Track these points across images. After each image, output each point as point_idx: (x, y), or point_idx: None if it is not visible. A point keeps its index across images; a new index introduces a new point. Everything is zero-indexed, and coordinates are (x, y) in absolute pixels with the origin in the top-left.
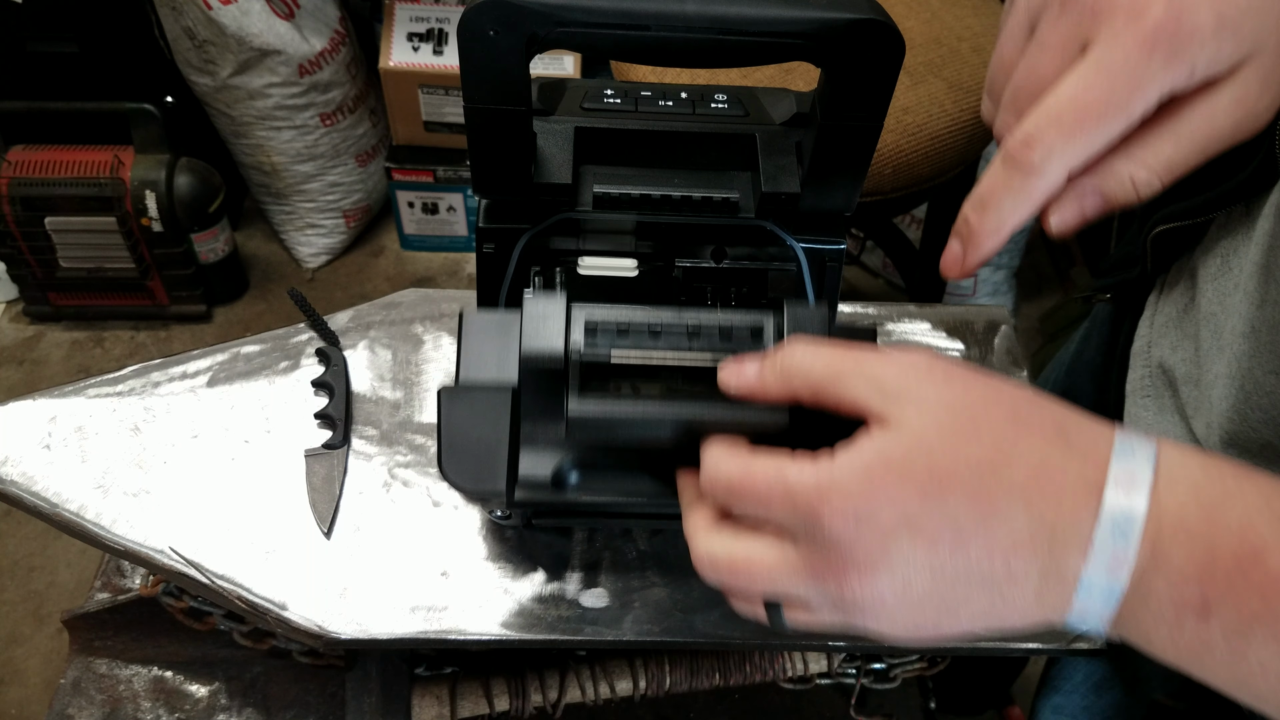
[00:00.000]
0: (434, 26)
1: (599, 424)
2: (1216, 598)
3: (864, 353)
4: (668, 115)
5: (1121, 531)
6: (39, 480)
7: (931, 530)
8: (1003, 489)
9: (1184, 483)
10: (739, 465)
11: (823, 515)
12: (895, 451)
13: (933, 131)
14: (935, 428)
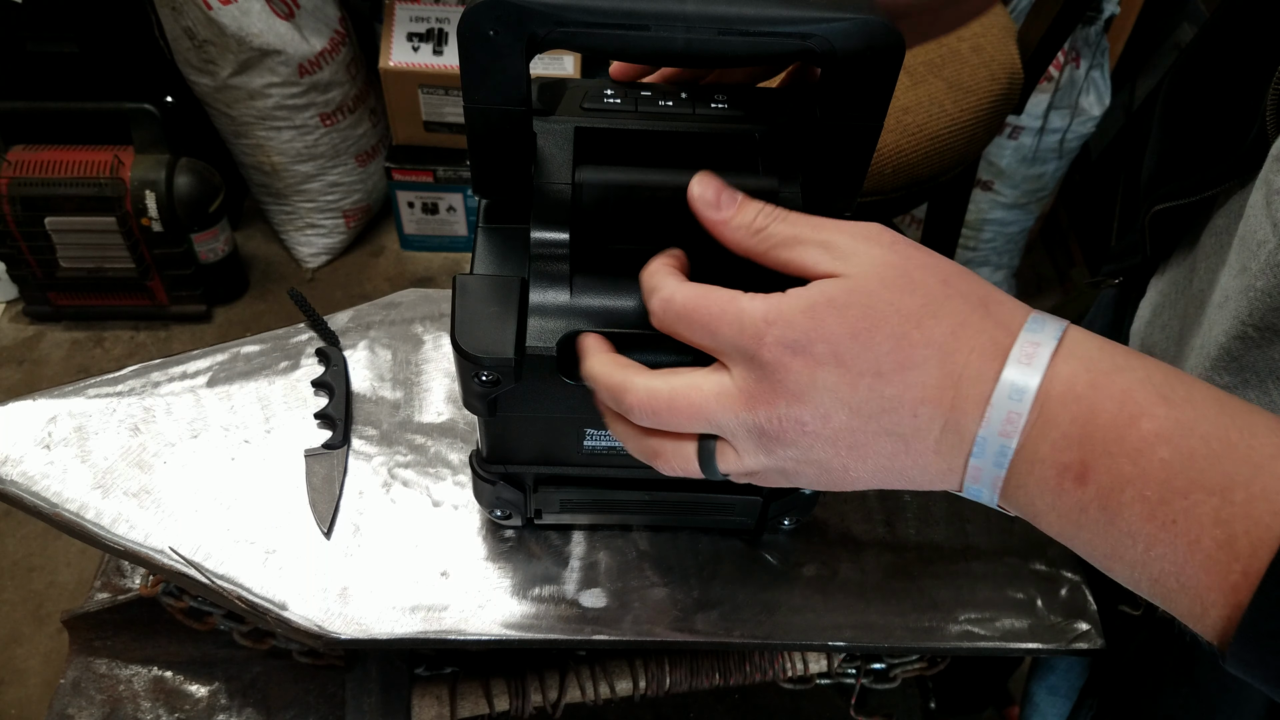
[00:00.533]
0: (434, 26)
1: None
2: (1093, 461)
3: (823, 225)
4: (668, 115)
5: (1017, 393)
6: (39, 480)
7: (856, 367)
8: (923, 340)
9: (1079, 356)
10: (697, 291)
11: (765, 339)
12: (837, 294)
13: (933, 131)
14: (876, 279)
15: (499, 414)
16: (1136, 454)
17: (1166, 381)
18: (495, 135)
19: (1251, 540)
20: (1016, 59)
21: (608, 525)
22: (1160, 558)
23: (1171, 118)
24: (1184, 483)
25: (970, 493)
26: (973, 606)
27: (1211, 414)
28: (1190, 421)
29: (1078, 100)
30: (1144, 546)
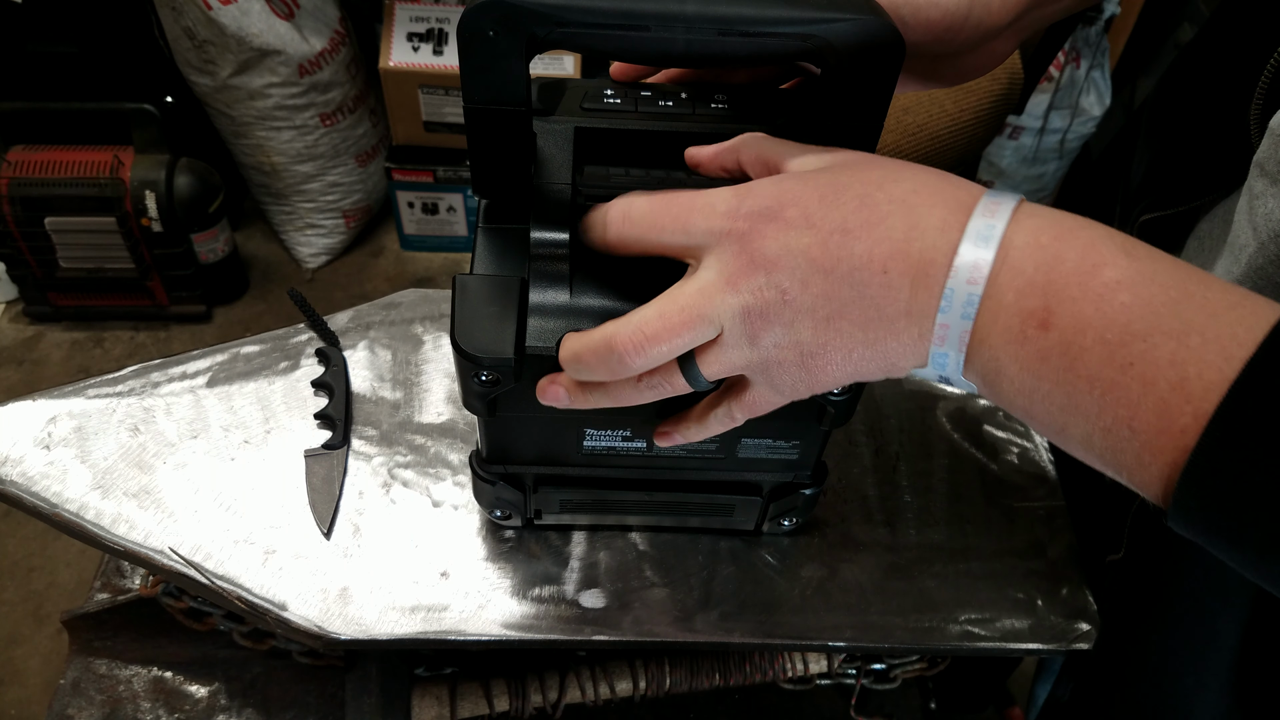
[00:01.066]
0: (434, 26)
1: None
2: (1057, 306)
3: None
4: (668, 115)
5: (983, 238)
6: (39, 480)
7: (825, 226)
8: (886, 198)
9: (1041, 215)
10: (659, 196)
11: (739, 212)
12: (805, 169)
13: (933, 131)
14: (841, 159)
15: (499, 414)
16: (1099, 299)
17: (1128, 240)
18: (495, 135)
19: (1204, 383)
20: (1017, 59)
21: (607, 526)
22: (1115, 403)
23: (1159, 128)
24: (1143, 326)
25: (936, 362)
26: (973, 607)
27: (1170, 268)
28: (1151, 272)
29: (1078, 100)
30: (1100, 392)
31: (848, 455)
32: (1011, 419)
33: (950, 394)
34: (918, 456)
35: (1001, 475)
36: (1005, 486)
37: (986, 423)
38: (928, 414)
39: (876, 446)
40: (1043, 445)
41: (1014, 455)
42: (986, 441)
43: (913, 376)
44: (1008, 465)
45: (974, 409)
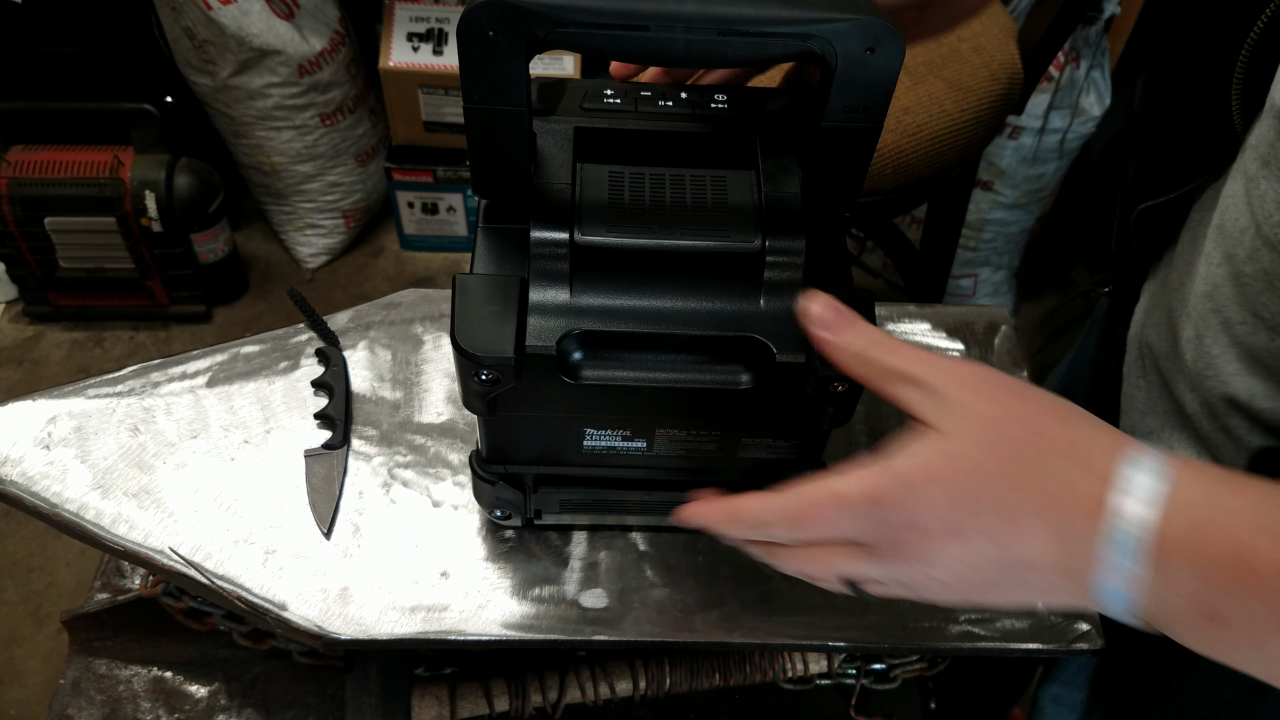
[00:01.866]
0: (434, 26)
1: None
2: (1226, 608)
3: (919, 359)
4: (668, 115)
5: (1127, 552)
6: (39, 480)
7: (967, 533)
8: (1026, 504)
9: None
10: (795, 499)
11: (878, 519)
12: (937, 463)
13: (933, 131)
14: (973, 441)
15: (499, 414)
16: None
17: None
18: (495, 135)
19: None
20: (1017, 59)
21: (607, 526)
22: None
23: (1148, 119)
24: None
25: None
26: (972, 607)
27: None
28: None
29: (1078, 100)
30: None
31: (848, 455)
32: None
33: None
34: None
35: None
36: None
37: None
38: None
39: (877, 447)
40: None
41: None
42: None
43: None
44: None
45: None
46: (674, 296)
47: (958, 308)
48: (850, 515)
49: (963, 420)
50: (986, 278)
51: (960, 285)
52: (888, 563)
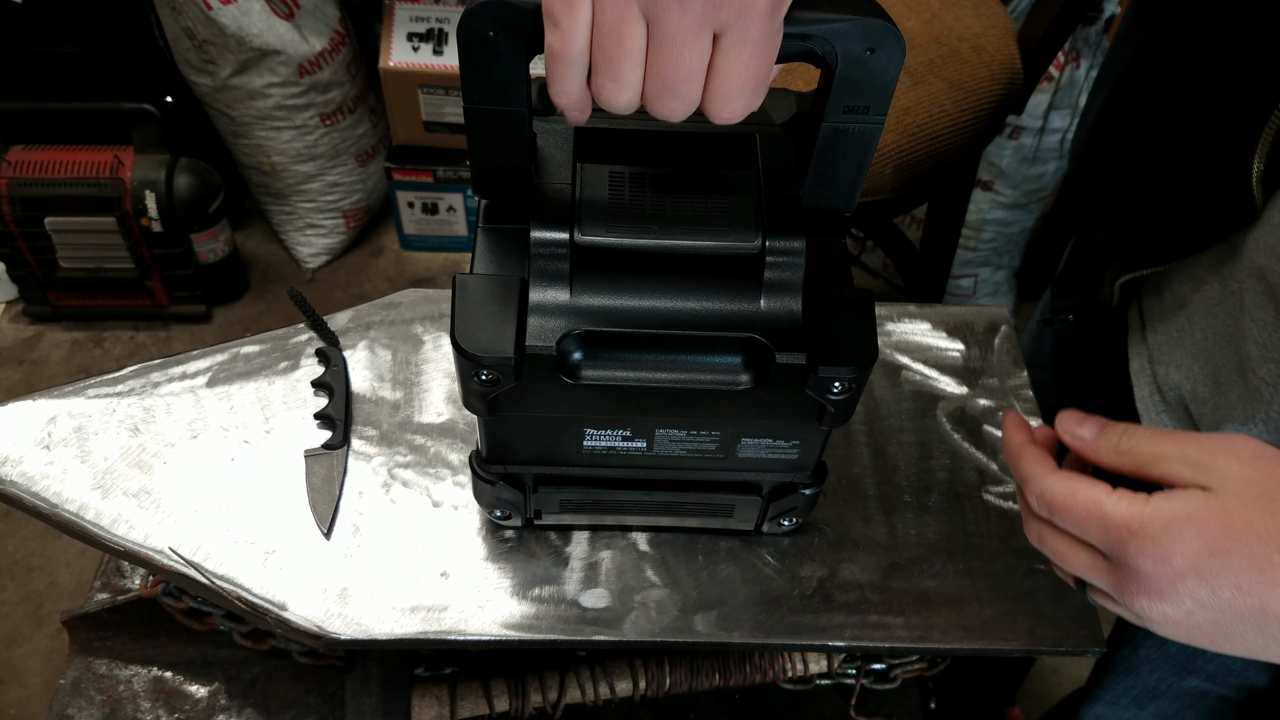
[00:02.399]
0: (434, 26)
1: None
2: None
3: (1183, 439)
4: None
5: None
6: (39, 480)
7: (1216, 580)
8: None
9: None
10: (1064, 488)
11: (1128, 547)
12: (1197, 510)
13: (933, 131)
14: (1236, 498)
15: (499, 414)
16: None
17: None
18: (495, 135)
19: None
20: (1017, 59)
21: (607, 526)
22: None
23: (1119, 180)
24: None
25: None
26: (973, 606)
27: None
28: None
29: (1078, 100)
30: None
31: (848, 455)
32: None
33: (950, 393)
34: (918, 456)
35: (1001, 475)
36: (1005, 486)
37: (986, 423)
38: (928, 414)
39: (876, 447)
40: None
41: None
42: (986, 441)
43: (912, 377)
44: (1008, 465)
45: (974, 409)
46: (674, 296)
47: (958, 308)
48: (1104, 531)
49: (1226, 479)
50: (986, 278)
51: (960, 285)
52: (1126, 588)
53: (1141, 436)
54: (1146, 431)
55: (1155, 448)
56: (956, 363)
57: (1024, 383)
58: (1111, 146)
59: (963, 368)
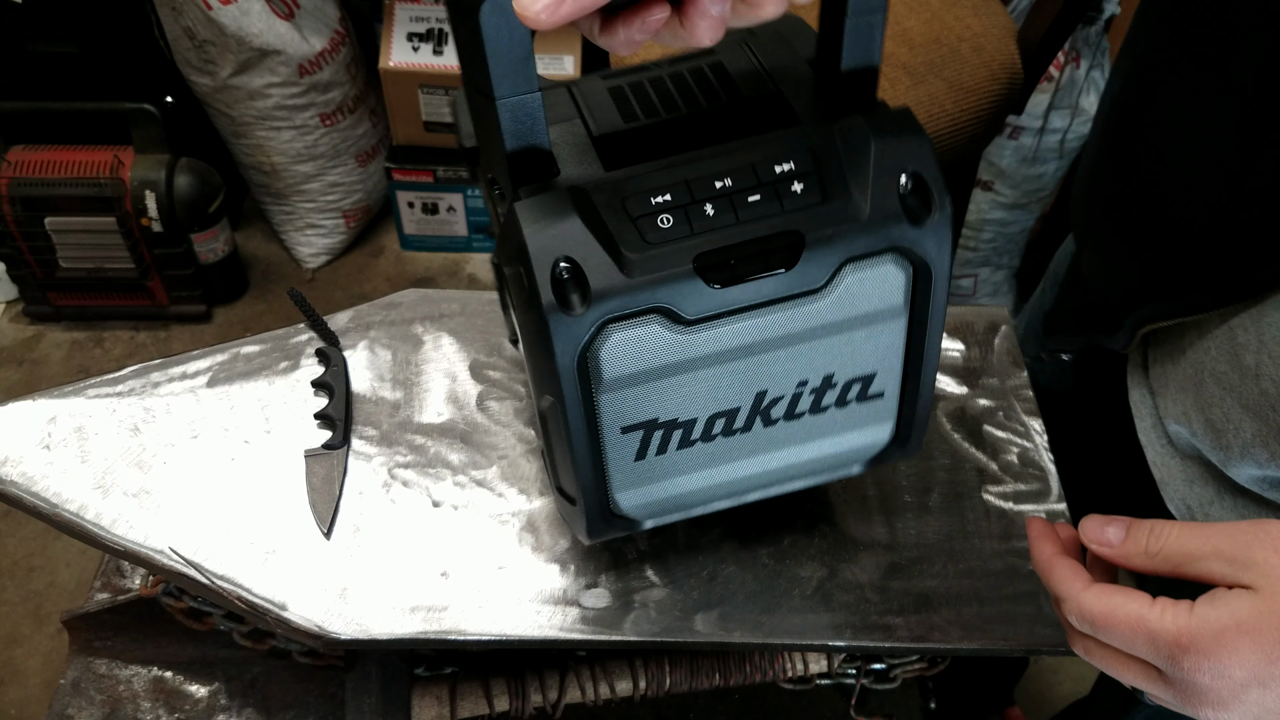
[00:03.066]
0: (434, 26)
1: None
2: None
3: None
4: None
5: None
6: (39, 480)
7: (1274, 683)
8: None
9: None
10: (1103, 605)
11: (1182, 663)
12: (1247, 617)
13: (933, 131)
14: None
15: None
16: None
17: None
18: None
19: None
20: (1017, 59)
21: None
22: None
23: (1134, 223)
24: None
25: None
26: (973, 606)
27: None
28: None
29: (1078, 100)
30: None
31: None
32: (1012, 418)
33: (950, 394)
34: (918, 456)
35: (1002, 475)
36: (1005, 486)
37: (986, 423)
38: None
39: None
40: (1043, 446)
41: (1014, 455)
42: (986, 441)
43: None
44: (1008, 465)
45: (974, 409)
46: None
47: (958, 308)
48: (1153, 647)
49: (1268, 575)
50: (986, 278)
51: (960, 285)
52: (1186, 700)
53: (1170, 536)
54: (1175, 528)
55: (1186, 546)
56: (956, 363)
57: (1024, 383)
58: (1123, 186)
59: (963, 368)
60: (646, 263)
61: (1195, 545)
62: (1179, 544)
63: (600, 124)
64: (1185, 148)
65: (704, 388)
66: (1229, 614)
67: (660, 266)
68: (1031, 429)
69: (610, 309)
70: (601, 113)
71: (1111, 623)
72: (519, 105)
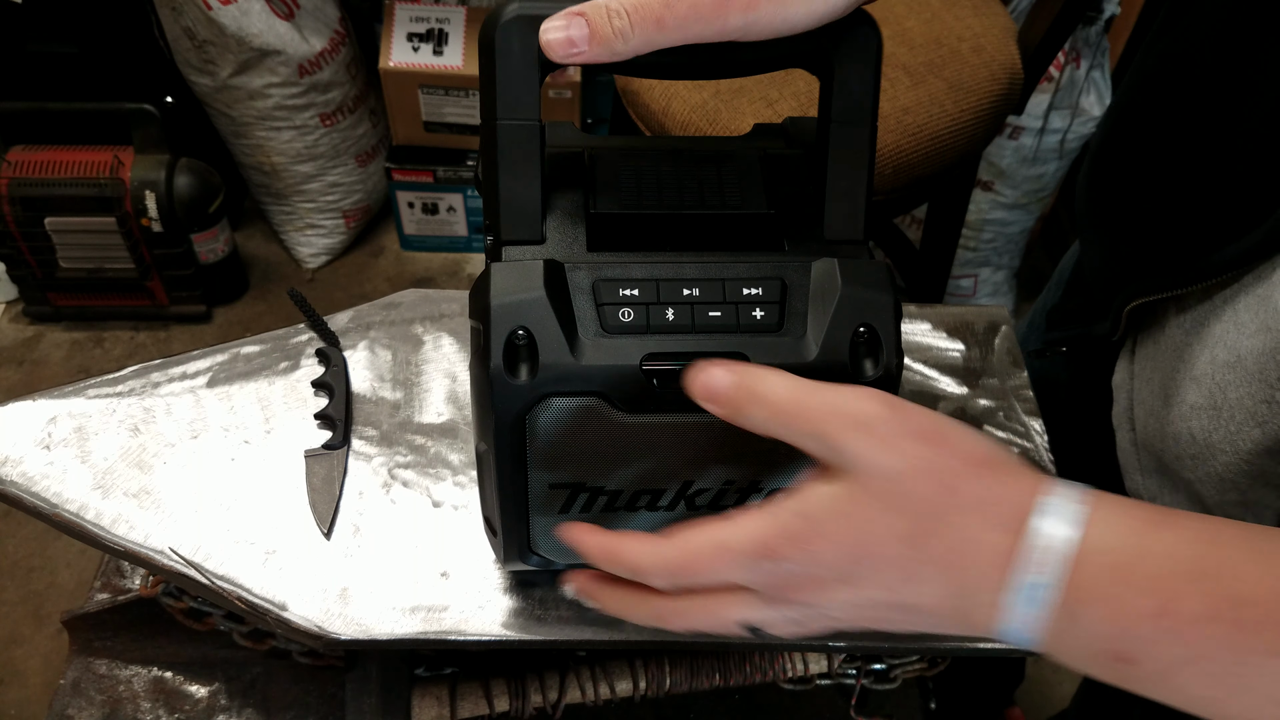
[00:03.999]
0: (434, 27)
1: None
2: (1137, 650)
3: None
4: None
5: (1033, 601)
6: (39, 480)
7: (862, 583)
8: (924, 560)
9: (1098, 552)
10: (677, 547)
11: (763, 568)
12: (829, 518)
13: (933, 131)
14: (870, 498)
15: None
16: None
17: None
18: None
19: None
20: (1017, 59)
21: None
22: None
23: (1132, 204)
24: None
25: None
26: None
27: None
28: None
29: (1078, 100)
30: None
31: None
32: (1012, 419)
33: (950, 394)
34: None
35: None
36: None
37: (987, 423)
38: None
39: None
40: (1043, 446)
41: (1014, 455)
42: None
43: (912, 378)
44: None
45: (974, 409)
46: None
47: (958, 308)
48: (738, 566)
49: (862, 473)
50: (986, 278)
51: (960, 285)
52: (779, 607)
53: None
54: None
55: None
56: (956, 363)
57: (1024, 383)
58: (1125, 168)
59: (963, 368)
60: (597, 350)
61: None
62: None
63: (601, 201)
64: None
65: (633, 469)
66: (810, 514)
67: (609, 357)
68: (1031, 429)
69: (553, 385)
70: (605, 189)
71: (693, 558)
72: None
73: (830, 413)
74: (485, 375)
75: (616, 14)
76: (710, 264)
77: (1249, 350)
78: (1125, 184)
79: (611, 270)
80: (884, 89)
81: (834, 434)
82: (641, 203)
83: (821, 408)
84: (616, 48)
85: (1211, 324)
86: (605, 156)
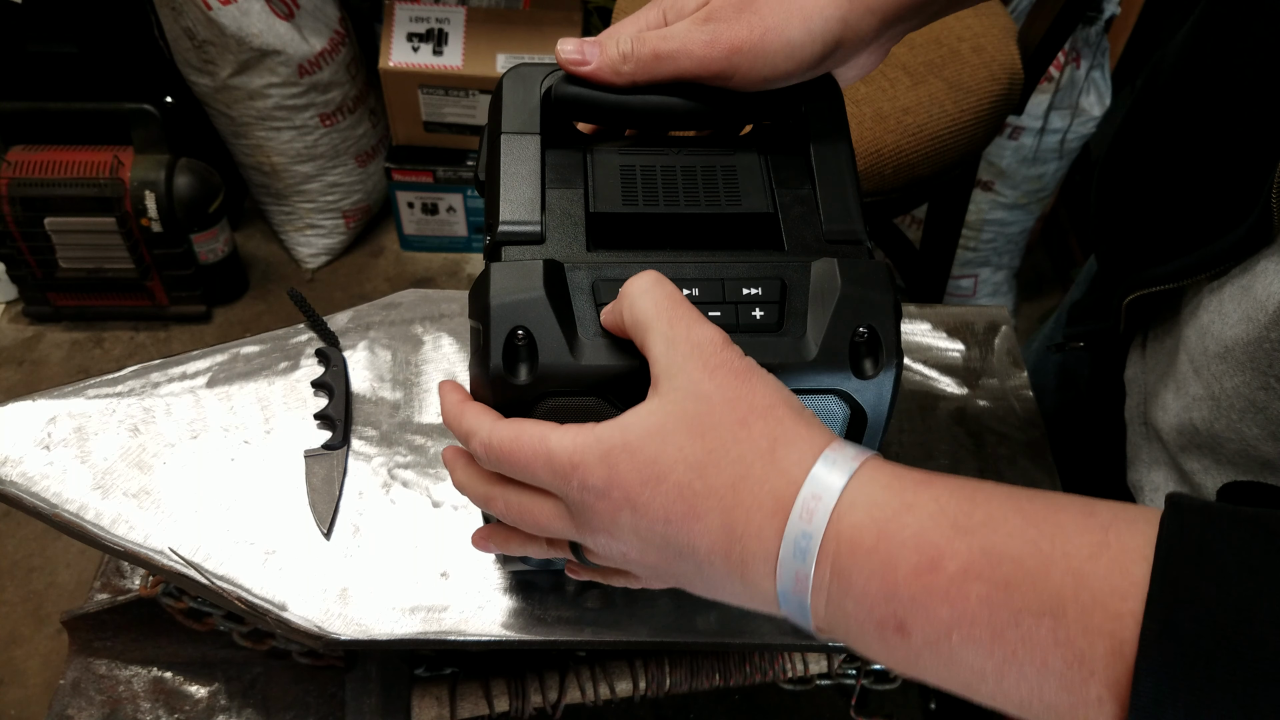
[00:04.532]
0: (434, 27)
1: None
2: (907, 613)
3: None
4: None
5: (800, 552)
6: (39, 481)
7: (649, 513)
8: (706, 492)
9: (864, 505)
10: (509, 432)
11: (572, 482)
12: (633, 438)
13: (933, 131)
14: (674, 417)
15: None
16: (949, 598)
17: (961, 509)
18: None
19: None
20: (1017, 59)
21: None
22: (1015, 686)
23: (1139, 200)
24: (1009, 613)
25: None
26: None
27: (1016, 530)
28: (996, 547)
29: (1078, 100)
30: (994, 679)
31: None
32: (1012, 419)
33: (950, 394)
34: (918, 457)
35: (1002, 476)
36: None
37: (986, 423)
38: (928, 414)
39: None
40: (1044, 446)
41: (1015, 456)
42: (987, 442)
43: (912, 378)
44: (1009, 465)
45: (975, 409)
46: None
47: (958, 308)
48: (550, 468)
49: (674, 390)
50: (986, 278)
51: (960, 285)
52: (581, 527)
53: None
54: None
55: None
56: (956, 363)
57: (1024, 383)
58: (1132, 166)
59: (963, 368)
60: (597, 350)
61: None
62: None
63: (600, 200)
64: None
65: None
66: (619, 434)
67: (609, 357)
68: (1031, 429)
69: (553, 385)
70: (605, 188)
71: (517, 447)
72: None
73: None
74: (485, 375)
75: (622, 40)
76: (710, 264)
77: (1234, 340)
78: (1131, 181)
79: (611, 270)
80: (884, 89)
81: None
82: (641, 202)
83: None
84: (621, 68)
85: (1202, 316)
86: (605, 156)
